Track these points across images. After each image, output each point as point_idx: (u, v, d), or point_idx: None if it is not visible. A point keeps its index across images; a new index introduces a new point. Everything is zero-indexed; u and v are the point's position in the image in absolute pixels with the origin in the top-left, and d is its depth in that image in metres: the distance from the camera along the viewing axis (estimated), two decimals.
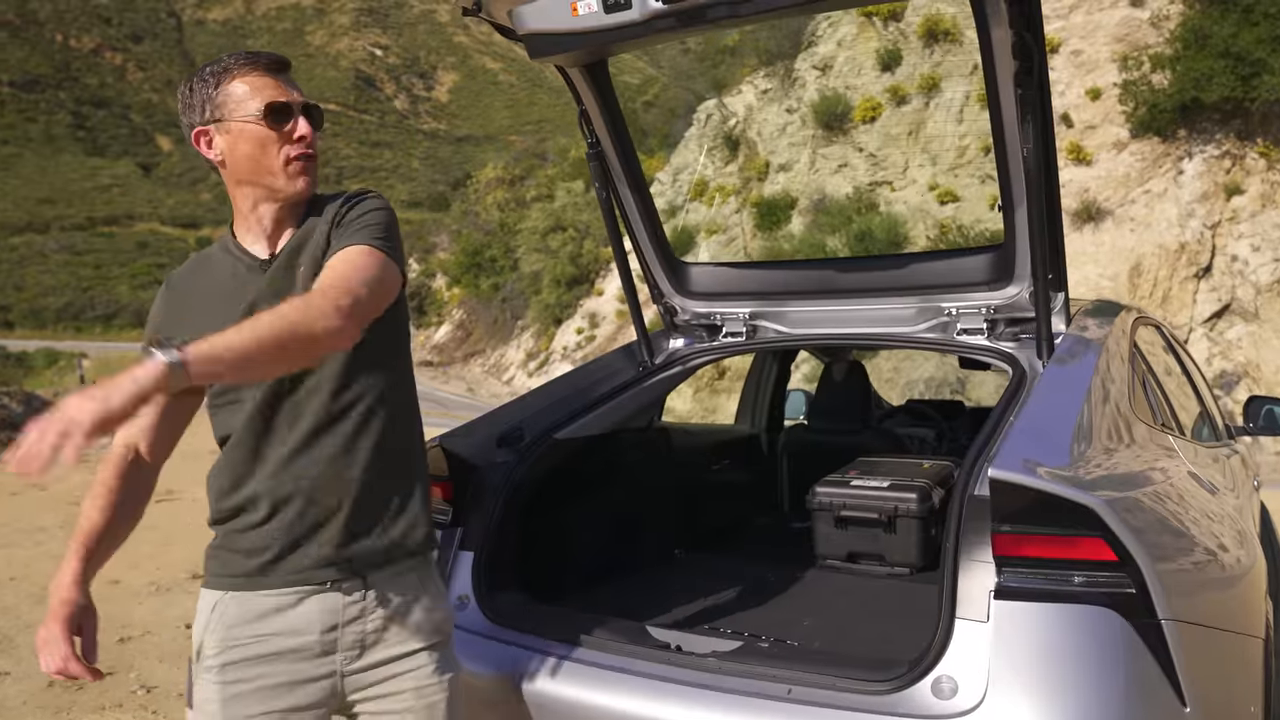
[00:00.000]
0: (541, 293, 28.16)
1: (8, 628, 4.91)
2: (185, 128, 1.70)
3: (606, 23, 2.16)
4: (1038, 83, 2.02)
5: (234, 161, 1.66)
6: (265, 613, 1.61)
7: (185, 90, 1.70)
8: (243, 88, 1.64)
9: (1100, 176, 17.12)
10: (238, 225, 1.72)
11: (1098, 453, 1.95)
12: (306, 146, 1.67)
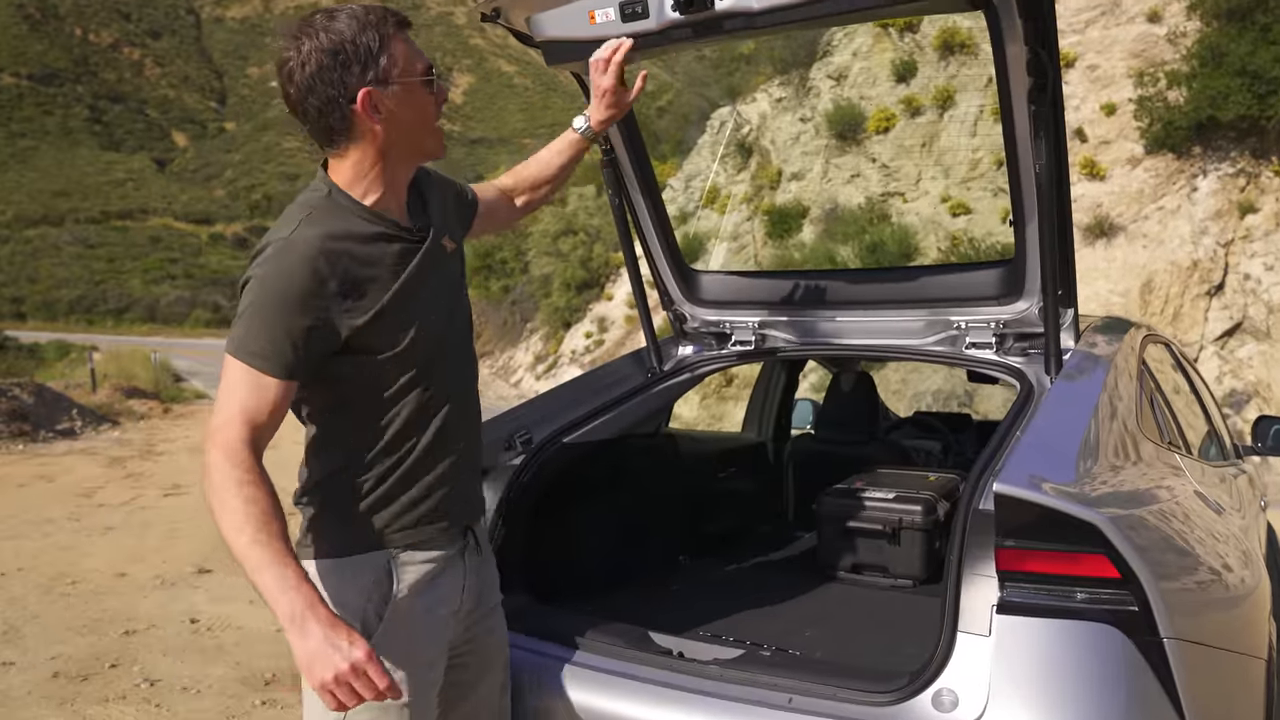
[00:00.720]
0: (551, 296, 28.17)
1: (14, 618, 4.94)
2: (330, 85, 1.56)
3: (623, 31, 2.18)
4: (1051, 99, 2.03)
5: (398, 124, 1.62)
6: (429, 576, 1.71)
7: (329, 40, 1.56)
8: (403, 47, 1.62)
9: (1114, 192, 17.06)
10: (364, 190, 1.65)
11: (1104, 469, 1.95)
12: None
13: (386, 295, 1.62)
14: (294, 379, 1.57)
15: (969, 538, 1.78)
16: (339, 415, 1.68)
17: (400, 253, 1.67)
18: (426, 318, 1.69)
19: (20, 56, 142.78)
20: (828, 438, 3.80)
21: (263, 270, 1.56)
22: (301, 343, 1.55)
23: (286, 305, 1.53)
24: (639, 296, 3.00)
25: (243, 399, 1.53)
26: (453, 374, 1.76)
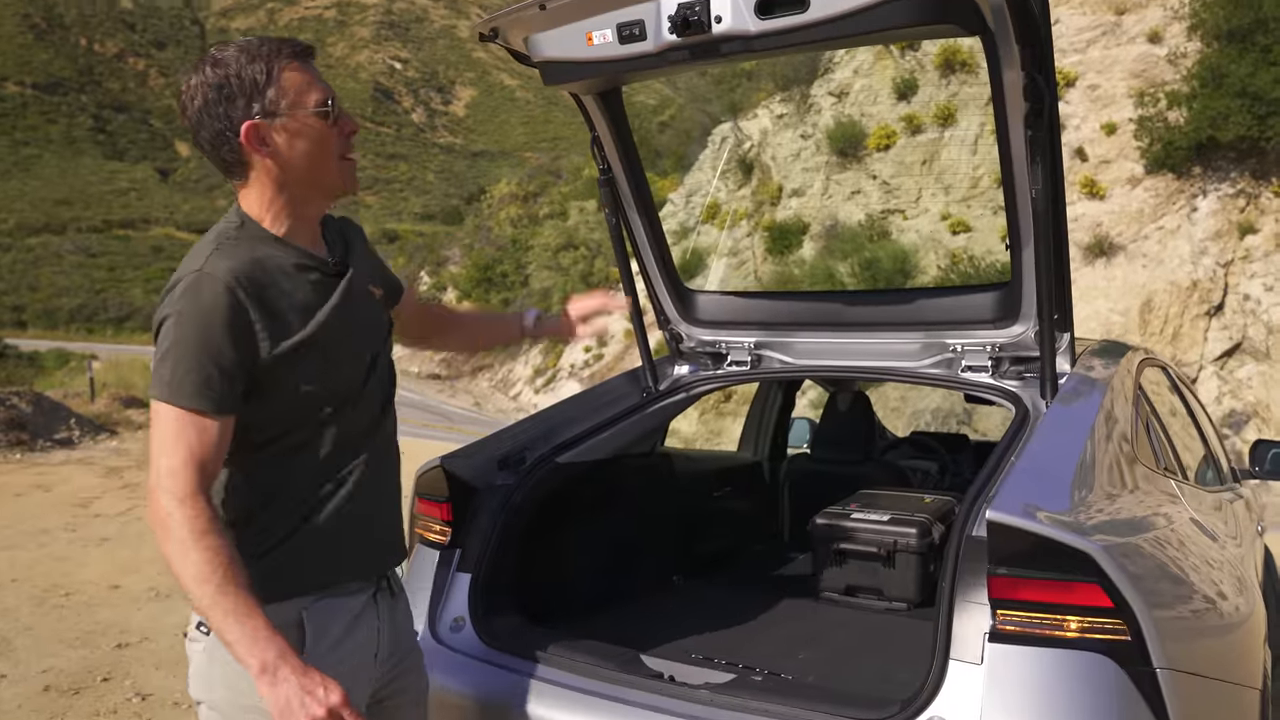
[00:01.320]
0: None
1: (7, 630, 4.92)
2: (217, 119, 1.53)
3: (621, 53, 2.19)
4: (1048, 124, 2.04)
5: (290, 159, 1.56)
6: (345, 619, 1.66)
7: (216, 74, 1.53)
8: (296, 78, 1.55)
9: (1114, 211, 17.12)
10: (273, 222, 1.61)
11: (1098, 496, 1.95)
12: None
13: (310, 325, 1.57)
14: (232, 414, 1.53)
15: (962, 564, 1.77)
16: (247, 457, 1.60)
17: (317, 283, 1.62)
18: (345, 355, 1.64)
19: (25, 65, 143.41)
20: (824, 457, 3.80)
21: (179, 307, 1.51)
22: (233, 376, 1.51)
23: (211, 340, 1.48)
24: (635, 316, 3.00)
25: (189, 444, 1.49)
26: (371, 420, 1.70)
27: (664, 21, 2.10)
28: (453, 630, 2.22)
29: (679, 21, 2.07)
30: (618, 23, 2.16)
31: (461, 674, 2.11)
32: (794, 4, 1.96)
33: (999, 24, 1.93)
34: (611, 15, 2.17)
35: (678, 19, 2.07)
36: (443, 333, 2.21)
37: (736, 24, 2.03)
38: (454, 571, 2.31)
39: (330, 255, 1.68)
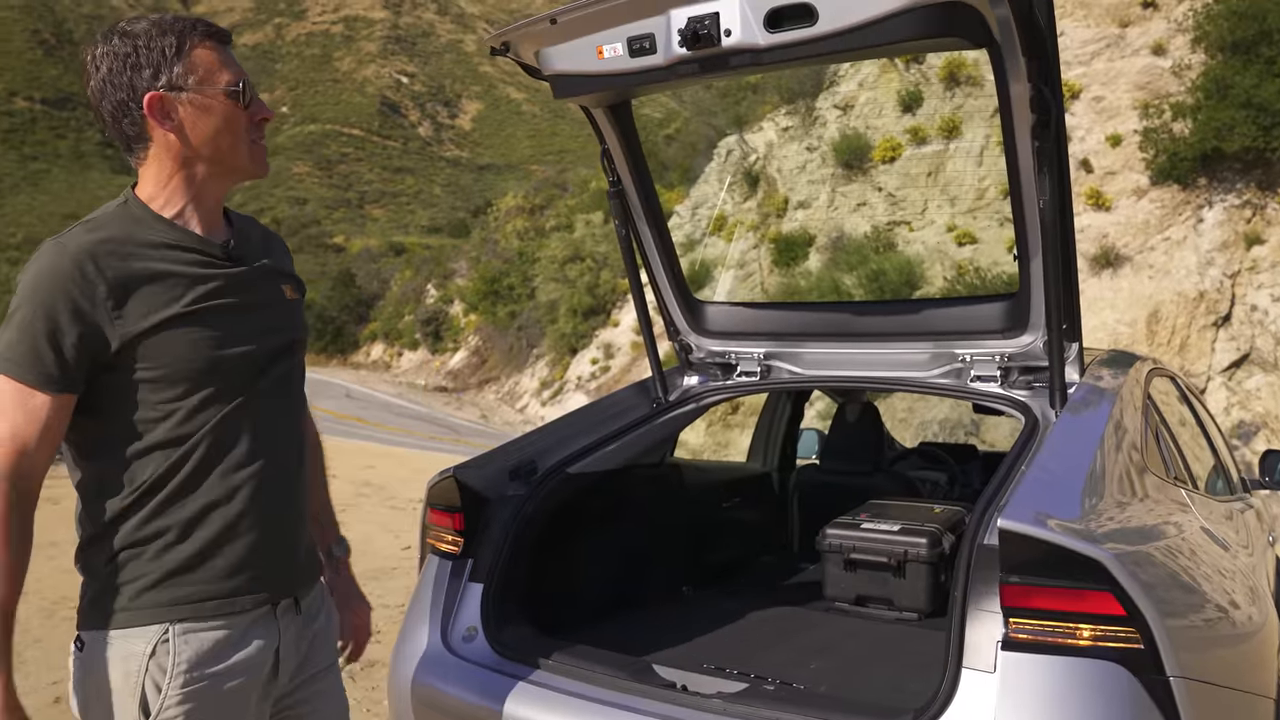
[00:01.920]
0: (558, 322, 28.26)
1: (17, 643, 4.89)
2: (119, 89, 1.48)
3: (631, 66, 2.21)
4: (1054, 135, 2.05)
5: (194, 136, 1.51)
6: (221, 645, 1.53)
7: (124, 44, 1.49)
8: (209, 56, 1.52)
9: (1119, 223, 17.11)
10: (164, 203, 1.54)
11: (1109, 505, 1.95)
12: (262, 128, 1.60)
13: (176, 305, 1.48)
14: (66, 393, 1.44)
15: (973, 573, 1.78)
16: (109, 455, 1.50)
17: (197, 264, 1.53)
18: (228, 344, 1.53)
19: (34, 81, 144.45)
20: (833, 468, 3.80)
21: (31, 273, 1.45)
22: (70, 351, 1.43)
23: (50, 309, 1.42)
24: (645, 327, 3.02)
25: (13, 421, 1.41)
26: (267, 426, 1.58)
27: (674, 35, 2.12)
28: (465, 640, 2.23)
29: (689, 35, 2.09)
30: (628, 36, 2.19)
31: (475, 684, 2.11)
32: (802, 18, 1.99)
33: (1005, 37, 1.95)
34: (622, 29, 2.19)
35: (687, 32, 2.09)
36: None
37: (745, 37, 2.05)
38: (466, 581, 2.32)
39: (230, 242, 1.60)
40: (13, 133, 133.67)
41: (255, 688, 1.57)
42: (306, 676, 1.70)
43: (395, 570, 6.25)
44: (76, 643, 1.54)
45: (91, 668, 1.51)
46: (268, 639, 1.59)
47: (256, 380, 1.58)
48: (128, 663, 1.49)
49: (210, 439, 1.52)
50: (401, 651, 2.28)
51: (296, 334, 1.69)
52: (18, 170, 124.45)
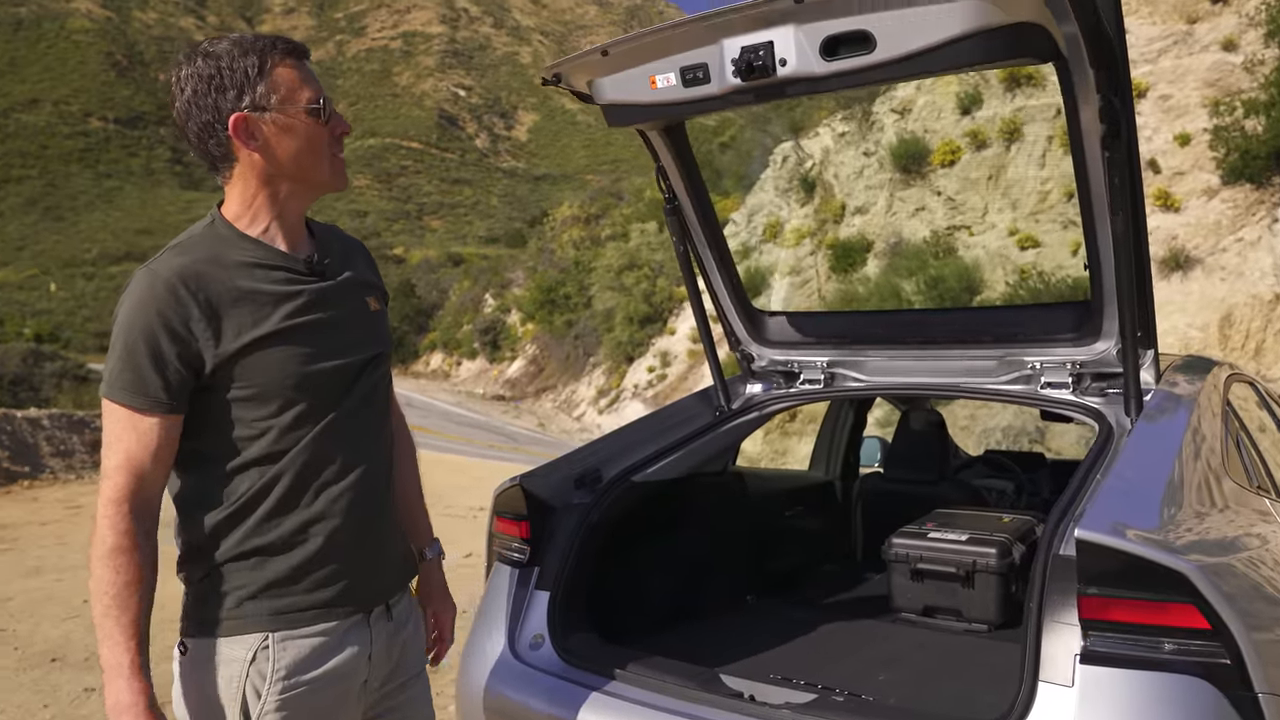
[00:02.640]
0: (614, 330, 28.36)
1: (94, 645, 5.08)
2: (205, 110, 1.50)
3: (685, 96, 2.18)
4: (1126, 145, 1.99)
5: (278, 154, 1.54)
6: (318, 653, 1.56)
7: (208, 65, 1.50)
8: (290, 74, 1.53)
9: (1189, 224, 16.65)
10: (250, 221, 1.58)
11: (1189, 515, 1.90)
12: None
13: (267, 324, 1.51)
14: (174, 414, 1.48)
15: (1049, 584, 1.74)
16: (206, 471, 1.54)
17: (285, 281, 1.56)
18: (318, 363, 1.56)
19: (108, 102, 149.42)
20: (897, 476, 3.75)
21: (128, 302, 1.50)
22: (173, 374, 1.46)
23: (150, 334, 1.45)
24: (705, 336, 3.01)
25: (126, 446, 1.46)
26: (358, 439, 1.61)
27: (728, 65, 2.08)
28: (532, 648, 2.24)
29: (743, 67, 2.05)
30: (681, 66, 2.15)
31: (542, 691, 2.13)
32: (860, 45, 1.93)
33: (1073, 51, 1.89)
34: (674, 59, 2.16)
35: (741, 64, 2.05)
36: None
37: (802, 67, 2.00)
38: (532, 590, 2.34)
39: (314, 256, 1.62)
40: (88, 152, 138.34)
41: (350, 693, 1.62)
42: (396, 684, 1.73)
43: (458, 578, 6.31)
44: (180, 647, 1.59)
45: (194, 673, 1.56)
46: (361, 645, 1.62)
47: (346, 395, 1.60)
48: (229, 668, 1.53)
49: (305, 455, 1.55)
50: (469, 658, 2.30)
51: (382, 346, 1.72)
52: (92, 188, 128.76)
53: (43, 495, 10.47)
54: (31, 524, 8.73)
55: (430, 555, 1.91)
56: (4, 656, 4.85)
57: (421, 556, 1.89)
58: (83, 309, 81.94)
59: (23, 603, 5.89)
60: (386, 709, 1.73)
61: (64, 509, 9.57)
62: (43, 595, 6.06)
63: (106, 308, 54.29)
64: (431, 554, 1.91)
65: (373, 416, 1.67)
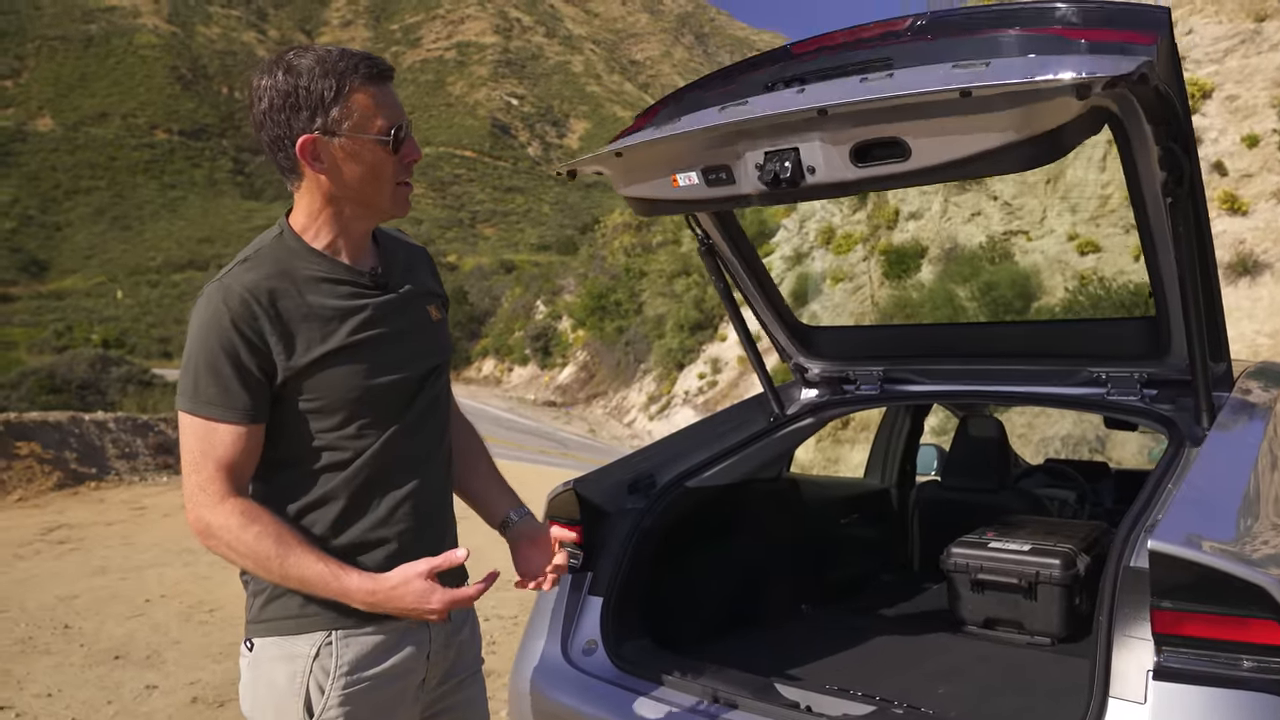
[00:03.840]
0: (665, 336, 28.35)
1: (157, 643, 5.19)
2: (277, 125, 1.52)
3: (709, 195, 2.09)
4: (1189, 190, 1.88)
5: (342, 179, 1.55)
6: (379, 650, 1.60)
7: (287, 81, 1.50)
8: (366, 101, 1.52)
9: (1258, 228, 16.16)
10: (315, 233, 1.60)
11: (1265, 527, 1.82)
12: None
13: (334, 338, 1.55)
14: (258, 422, 1.53)
15: (1120, 596, 1.68)
16: (274, 477, 1.58)
17: (350, 296, 1.59)
18: (382, 376, 1.60)
19: (173, 114, 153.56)
20: (955, 485, 3.68)
21: (200, 317, 1.53)
22: (252, 385, 1.51)
23: (230, 346, 1.49)
24: (750, 350, 2.92)
25: (214, 455, 1.50)
26: (421, 448, 1.65)
27: (751, 170, 1.96)
28: (585, 654, 2.23)
29: (769, 178, 1.92)
30: (703, 167, 2.05)
31: (595, 697, 2.11)
32: (894, 152, 1.80)
33: (1127, 111, 1.79)
34: (694, 160, 2.06)
35: (767, 175, 1.92)
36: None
37: (831, 175, 1.88)
38: (586, 595, 2.33)
39: (378, 269, 1.65)
40: (153, 163, 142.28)
41: (409, 690, 1.66)
42: (452, 684, 1.77)
43: (509, 583, 6.35)
44: (246, 644, 1.63)
45: (259, 669, 1.60)
46: (420, 645, 1.66)
47: (408, 407, 1.64)
48: (293, 664, 1.57)
49: (369, 464, 1.59)
50: (522, 663, 2.30)
51: (443, 355, 1.75)
52: (158, 198, 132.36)
53: (109, 496, 10.76)
54: (98, 524, 8.97)
55: (517, 518, 1.85)
56: (70, 653, 4.97)
57: (508, 524, 1.84)
58: (148, 315, 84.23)
59: (88, 601, 6.04)
60: (444, 708, 1.76)
61: (129, 510, 9.82)
62: (108, 594, 6.22)
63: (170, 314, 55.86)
64: (518, 516, 1.86)
65: (435, 425, 1.70)
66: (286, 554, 1.48)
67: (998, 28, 1.77)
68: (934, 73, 1.70)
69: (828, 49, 1.96)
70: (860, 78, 1.80)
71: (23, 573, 6.88)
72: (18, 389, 19.49)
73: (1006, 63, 1.66)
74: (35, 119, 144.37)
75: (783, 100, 1.87)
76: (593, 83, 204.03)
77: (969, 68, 1.65)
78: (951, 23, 1.85)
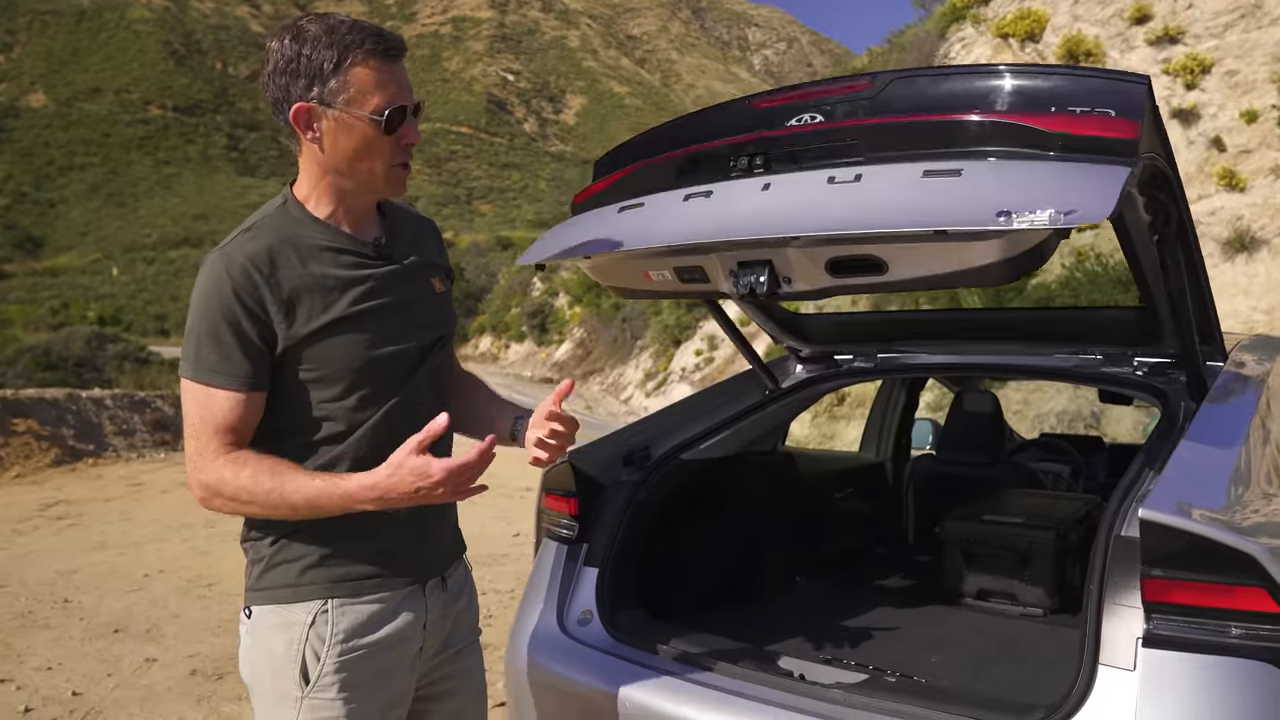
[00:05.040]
0: (661, 314, 28.29)
1: (156, 617, 5.22)
2: (278, 89, 1.51)
3: (685, 289, 2.09)
4: (1178, 230, 1.87)
5: (334, 151, 1.54)
6: (375, 618, 1.62)
7: (291, 47, 1.49)
8: (366, 76, 1.50)
9: (1255, 204, 16.12)
10: (316, 202, 1.60)
11: (1256, 496, 1.83)
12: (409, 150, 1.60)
13: (335, 308, 1.55)
14: (259, 390, 1.53)
15: (1110, 565, 1.70)
16: (273, 447, 1.56)
17: (353, 266, 1.59)
18: (383, 347, 1.59)
19: (167, 90, 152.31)
20: (950, 458, 3.69)
21: (202, 285, 1.52)
22: (255, 352, 1.51)
23: (231, 314, 1.49)
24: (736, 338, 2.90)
25: (215, 423, 1.50)
26: (419, 417, 1.57)
27: (725, 276, 1.94)
28: (580, 624, 2.25)
29: (744, 289, 1.89)
30: (675, 268, 2.03)
31: (590, 667, 2.13)
32: (871, 269, 1.77)
33: None
34: (666, 265, 2.04)
35: (743, 287, 1.89)
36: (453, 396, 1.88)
37: (806, 284, 1.86)
38: (581, 566, 2.34)
39: (381, 240, 1.64)
40: (147, 139, 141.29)
41: (405, 658, 1.67)
42: (450, 653, 1.78)
43: (506, 556, 6.38)
44: (245, 611, 1.65)
45: (257, 636, 1.62)
46: (417, 613, 1.67)
47: (409, 379, 1.64)
48: (289, 631, 1.59)
49: (369, 435, 1.59)
50: (518, 634, 2.31)
51: (447, 327, 1.75)
52: (152, 175, 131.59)
53: (106, 473, 10.78)
54: (96, 500, 8.99)
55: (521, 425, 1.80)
56: (70, 627, 5.00)
57: (515, 432, 1.79)
58: (143, 292, 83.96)
59: (88, 576, 6.07)
60: (442, 676, 1.77)
61: (127, 486, 9.84)
62: (107, 569, 6.24)
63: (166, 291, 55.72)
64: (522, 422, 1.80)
65: (435, 396, 1.70)
66: (283, 482, 1.48)
67: (964, 111, 1.67)
68: (904, 179, 1.65)
69: (790, 105, 1.87)
70: (828, 175, 1.73)
71: (22, 548, 6.91)
72: (14, 366, 19.45)
73: (978, 175, 1.58)
74: (28, 94, 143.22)
75: (748, 208, 1.79)
76: (589, 58, 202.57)
77: (941, 177, 1.60)
78: (913, 99, 1.75)
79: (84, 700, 4.03)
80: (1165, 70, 17.44)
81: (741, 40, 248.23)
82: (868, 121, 1.76)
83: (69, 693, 4.10)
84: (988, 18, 20.57)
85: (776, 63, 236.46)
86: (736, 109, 1.99)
